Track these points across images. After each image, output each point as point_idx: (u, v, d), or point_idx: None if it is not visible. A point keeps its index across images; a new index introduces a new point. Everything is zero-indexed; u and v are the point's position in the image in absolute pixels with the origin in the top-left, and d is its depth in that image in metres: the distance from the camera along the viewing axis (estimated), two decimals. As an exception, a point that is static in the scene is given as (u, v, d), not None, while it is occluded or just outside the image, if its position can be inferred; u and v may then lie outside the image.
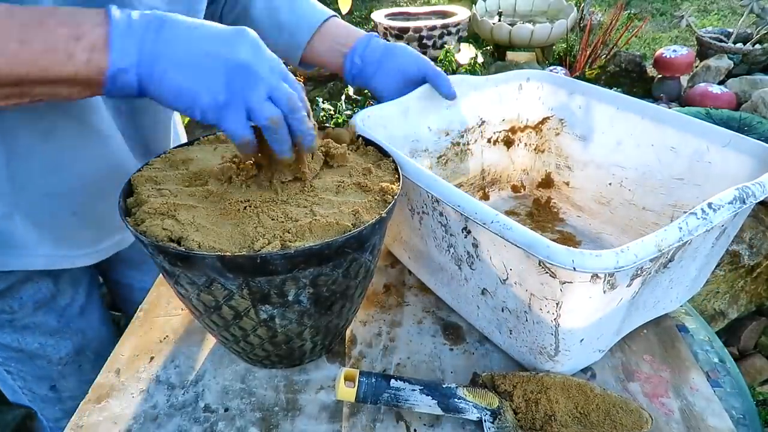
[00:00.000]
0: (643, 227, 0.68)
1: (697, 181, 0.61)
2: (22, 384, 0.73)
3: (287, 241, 0.42)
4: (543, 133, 0.79)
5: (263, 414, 0.51)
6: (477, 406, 0.48)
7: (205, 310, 0.46)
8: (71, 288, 0.72)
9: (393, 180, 0.51)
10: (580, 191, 0.76)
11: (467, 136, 0.75)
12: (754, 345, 1.57)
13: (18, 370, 0.72)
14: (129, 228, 0.43)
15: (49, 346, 0.71)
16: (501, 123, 0.78)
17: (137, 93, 0.42)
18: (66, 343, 0.72)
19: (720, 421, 0.50)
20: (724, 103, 1.92)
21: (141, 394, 0.53)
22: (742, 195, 0.45)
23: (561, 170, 0.78)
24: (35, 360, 0.71)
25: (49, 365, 0.72)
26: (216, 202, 0.47)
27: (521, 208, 0.80)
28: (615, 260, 0.39)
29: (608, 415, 0.47)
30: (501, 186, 0.83)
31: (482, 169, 0.79)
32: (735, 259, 1.41)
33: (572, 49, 2.72)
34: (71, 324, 0.73)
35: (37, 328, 0.69)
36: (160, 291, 0.67)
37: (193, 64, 0.41)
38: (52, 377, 0.73)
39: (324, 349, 0.56)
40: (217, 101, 0.41)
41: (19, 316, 0.67)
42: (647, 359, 0.56)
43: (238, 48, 0.41)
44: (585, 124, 0.73)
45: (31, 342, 0.70)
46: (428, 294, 0.65)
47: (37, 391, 0.74)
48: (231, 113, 0.42)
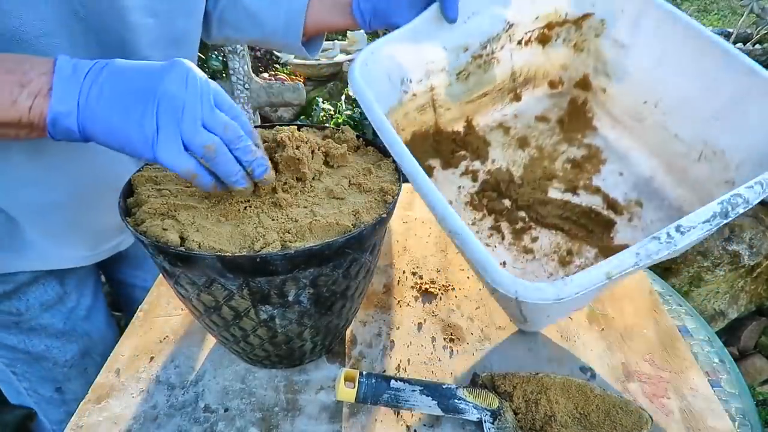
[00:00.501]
0: (672, 157, 0.64)
1: (732, 126, 0.56)
2: (28, 385, 0.74)
3: (287, 242, 0.42)
4: (583, 31, 0.70)
5: (263, 414, 0.51)
6: (477, 406, 0.48)
7: (205, 310, 0.46)
8: (77, 290, 0.72)
9: (393, 180, 0.51)
10: (615, 101, 0.70)
11: (491, 45, 0.68)
12: (754, 345, 1.57)
13: (24, 372, 0.72)
14: (129, 228, 0.43)
15: (55, 349, 0.71)
16: (534, 21, 0.70)
17: (81, 137, 0.43)
18: (72, 346, 0.73)
19: (720, 421, 0.50)
20: (724, 103, 1.92)
21: (141, 394, 0.53)
22: (724, 209, 0.41)
23: (599, 75, 0.71)
24: (41, 362, 0.71)
25: (54, 367, 0.72)
26: (216, 202, 0.47)
27: (554, 111, 0.74)
28: (556, 293, 0.39)
29: (608, 416, 0.47)
30: (536, 83, 0.75)
31: (512, 72, 0.73)
32: (735, 259, 1.41)
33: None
34: (77, 326, 0.73)
35: (44, 330, 0.70)
36: (160, 291, 0.67)
37: (122, 102, 0.41)
38: (57, 379, 0.73)
39: (324, 349, 0.56)
40: (147, 135, 0.41)
41: (25, 318, 0.67)
42: (647, 359, 0.56)
43: (166, 79, 0.41)
44: (627, 30, 0.66)
45: (37, 344, 0.70)
46: (428, 294, 0.65)
47: (42, 393, 0.74)
48: (165, 146, 0.41)
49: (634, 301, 0.64)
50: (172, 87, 0.41)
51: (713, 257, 1.41)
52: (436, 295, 0.65)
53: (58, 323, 0.70)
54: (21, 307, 0.67)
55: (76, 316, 0.73)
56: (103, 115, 0.41)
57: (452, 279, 0.68)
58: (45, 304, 0.68)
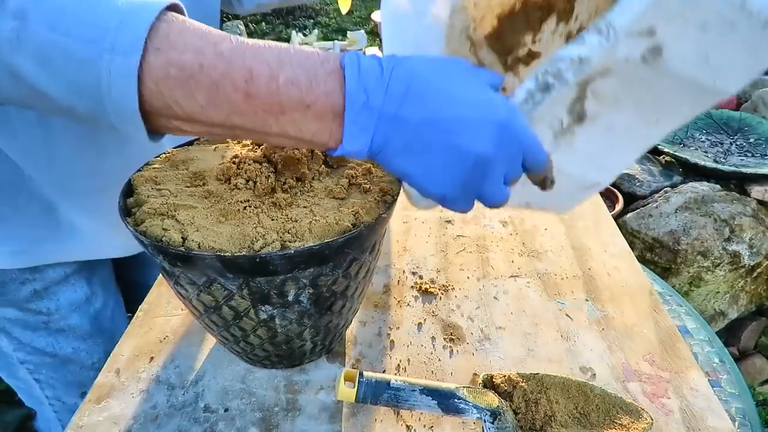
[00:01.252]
0: None
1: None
2: (51, 393, 0.73)
3: (287, 242, 0.42)
4: None
5: (263, 414, 0.51)
6: (477, 406, 0.48)
7: (205, 310, 0.46)
8: (103, 291, 0.73)
9: (393, 180, 0.51)
10: None
11: None
12: (754, 345, 1.57)
13: (49, 378, 0.72)
14: (129, 228, 0.43)
15: (83, 351, 0.72)
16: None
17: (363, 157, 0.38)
18: (98, 348, 0.73)
19: (720, 421, 0.50)
20: (724, 103, 1.92)
21: (141, 394, 0.53)
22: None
23: None
24: (68, 365, 0.71)
25: (81, 371, 0.72)
26: (216, 202, 0.47)
27: None
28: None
29: (608, 415, 0.47)
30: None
31: None
32: (735, 259, 1.41)
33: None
34: (103, 328, 0.73)
35: (72, 332, 0.70)
36: (160, 291, 0.67)
37: (424, 158, 0.35)
38: (83, 383, 0.73)
39: (324, 349, 0.56)
40: (446, 196, 0.37)
41: (54, 318, 0.68)
42: (647, 359, 0.56)
43: (479, 136, 0.34)
44: None
45: (65, 346, 0.70)
46: (428, 294, 0.65)
47: (66, 400, 0.74)
48: (460, 203, 0.38)
49: (634, 301, 0.64)
50: (485, 147, 0.34)
51: (713, 257, 1.41)
52: (436, 295, 0.65)
53: (86, 324, 0.71)
54: (51, 307, 0.67)
55: (103, 317, 0.73)
56: (398, 162, 0.36)
57: (452, 279, 0.68)
58: (74, 303, 0.69)
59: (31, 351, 0.69)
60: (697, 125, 1.82)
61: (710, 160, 1.64)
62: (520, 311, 0.63)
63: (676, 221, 1.46)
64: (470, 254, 0.73)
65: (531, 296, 0.65)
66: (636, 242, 1.51)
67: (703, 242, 1.41)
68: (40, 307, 0.66)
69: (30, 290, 0.65)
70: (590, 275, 0.69)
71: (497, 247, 0.74)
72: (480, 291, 0.66)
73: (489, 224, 0.79)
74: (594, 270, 0.70)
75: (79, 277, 0.68)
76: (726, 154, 1.68)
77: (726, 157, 1.67)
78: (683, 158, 1.61)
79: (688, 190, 1.54)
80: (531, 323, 0.61)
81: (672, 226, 1.45)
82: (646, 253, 1.50)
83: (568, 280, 0.68)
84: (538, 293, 0.66)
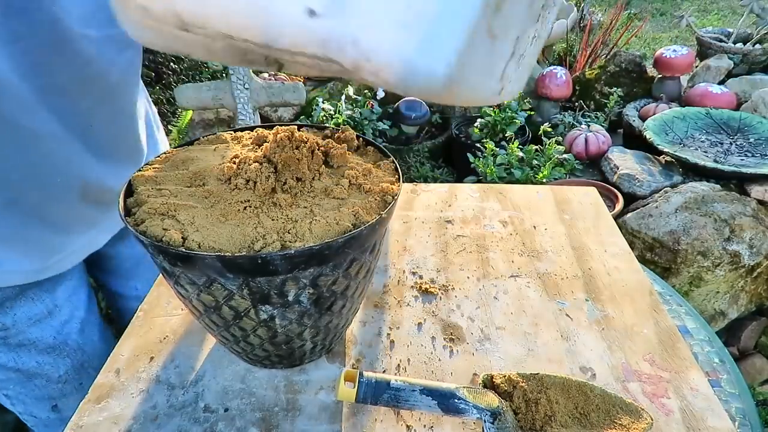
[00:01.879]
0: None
1: None
2: (23, 409, 0.71)
3: (287, 242, 0.42)
4: None
5: (263, 414, 0.51)
6: (477, 406, 0.48)
7: (205, 310, 0.46)
8: (69, 303, 0.70)
9: (393, 180, 0.51)
10: None
11: None
12: (754, 345, 1.57)
13: (17, 393, 0.69)
14: (129, 228, 0.43)
15: (47, 365, 0.69)
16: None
17: None
18: (65, 361, 0.70)
19: (720, 421, 0.50)
20: (724, 103, 1.92)
21: (141, 394, 0.53)
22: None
23: None
24: (34, 380, 0.69)
25: (48, 384, 0.70)
26: (216, 202, 0.47)
27: None
28: None
29: (608, 416, 0.47)
30: None
31: None
32: (735, 259, 1.41)
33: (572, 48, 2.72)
34: (70, 340, 0.70)
35: (33, 346, 0.67)
36: (160, 291, 0.67)
37: None
38: (53, 396, 0.71)
39: (324, 349, 0.56)
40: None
41: (12, 333, 0.65)
42: (647, 359, 0.56)
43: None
44: None
45: (27, 361, 0.67)
46: (428, 294, 0.65)
47: (39, 415, 0.72)
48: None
49: (634, 301, 0.64)
50: None
51: (713, 257, 1.41)
52: (436, 295, 0.65)
53: (48, 338, 0.68)
54: (7, 322, 0.64)
55: (70, 330, 0.70)
56: None
57: (452, 279, 0.68)
58: (33, 318, 0.66)
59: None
60: (697, 125, 1.82)
61: (710, 160, 1.64)
62: (520, 311, 0.63)
63: (676, 221, 1.46)
64: (470, 254, 0.73)
65: (531, 296, 0.65)
66: (636, 242, 1.51)
67: (703, 242, 1.41)
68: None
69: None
70: (590, 275, 0.69)
71: (497, 247, 0.74)
72: (480, 291, 0.66)
73: (489, 224, 0.79)
74: (594, 270, 0.70)
75: (39, 290, 0.65)
76: (726, 154, 1.68)
77: (726, 157, 1.67)
78: (683, 158, 1.61)
79: (688, 190, 1.54)
80: (531, 323, 0.61)
81: (672, 226, 1.45)
82: (646, 253, 1.50)
83: (568, 280, 0.68)
84: (538, 293, 0.66)
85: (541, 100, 2.21)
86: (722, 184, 1.60)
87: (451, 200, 0.84)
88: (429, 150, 2.14)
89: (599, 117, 2.13)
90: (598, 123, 2.07)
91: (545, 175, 1.70)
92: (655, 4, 4.11)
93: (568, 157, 1.78)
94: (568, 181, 1.76)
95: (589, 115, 2.15)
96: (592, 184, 1.48)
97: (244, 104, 1.99)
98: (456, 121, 2.20)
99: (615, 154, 1.81)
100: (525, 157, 1.77)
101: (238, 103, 1.97)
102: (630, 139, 2.01)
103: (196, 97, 1.90)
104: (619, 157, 1.79)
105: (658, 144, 1.68)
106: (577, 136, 1.89)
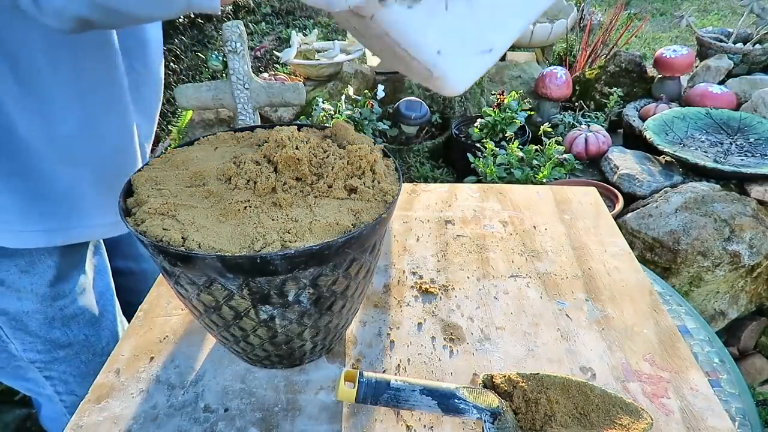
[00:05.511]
0: None
1: None
2: (63, 388, 0.75)
3: (287, 242, 0.42)
4: None
5: (263, 414, 0.51)
6: (477, 406, 0.48)
7: (205, 310, 0.46)
8: (104, 273, 0.75)
9: (393, 180, 0.51)
10: None
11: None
12: (754, 345, 1.57)
13: (61, 373, 0.73)
14: (129, 228, 0.43)
15: (93, 336, 0.73)
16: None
17: None
18: (105, 332, 0.74)
19: (720, 421, 0.50)
20: (724, 103, 1.92)
21: (141, 394, 0.53)
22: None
23: None
24: (81, 354, 0.73)
25: (93, 358, 0.74)
26: (216, 202, 0.47)
27: None
28: None
29: (608, 416, 0.47)
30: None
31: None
32: (735, 259, 1.41)
33: (572, 48, 2.72)
34: (105, 312, 0.75)
35: (82, 317, 0.71)
36: (160, 291, 0.67)
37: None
38: (96, 371, 0.75)
39: (324, 349, 0.56)
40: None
41: (68, 302, 0.69)
42: (647, 359, 0.56)
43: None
44: None
45: (77, 333, 0.71)
46: (428, 294, 0.65)
47: (80, 393, 0.75)
48: None
49: (634, 301, 0.64)
50: None
51: (713, 257, 1.41)
52: (436, 295, 0.65)
53: (92, 308, 0.72)
54: (66, 289, 0.68)
55: (106, 299, 0.74)
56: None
57: (452, 279, 0.68)
58: (81, 286, 0.70)
59: (44, 348, 0.70)
60: (697, 125, 1.82)
61: (710, 160, 1.64)
62: (520, 311, 0.63)
63: (676, 221, 1.46)
64: (470, 254, 0.73)
65: (531, 296, 0.65)
66: (636, 242, 1.51)
67: (703, 242, 1.41)
68: (58, 291, 0.67)
69: (53, 274, 0.66)
70: (590, 275, 0.69)
71: (497, 247, 0.74)
72: (480, 291, 0.66)
73: (489, 224, 0.79)
74: (594, 270, 0.70)
75: (83, 258, 0.70)
76: (726, 154, 1.68)
77: (726, 157, 1.67)
78: (683, 158, 1.61)
79: (688, 190, 1.54)
80: (531, 323, 0.61)
81: (672, 226, 1.45)
82: (646, 253, 1.50)
83: (568, 280, 0.68)
84: (538, 293, 0.66)
85: (541, 100, 2.21)
86: (722, 184, 1.60)
87: (451, 200, 0.84)
88: (429, 150, 2.14)
89: (599, 117, 2.13)
90: (598, 123, 2.07)
91: (545, 175, 1.70)
92: (655, 4, 4.11)
93: (568, 157, 1.78)
94: (568, 181, 1.76)
95: (589, 115, 2.15)
96: (592, 184, 1.48)
97: (244, 104, 1.99)
98: (456, 121, 2.20)
99: (615, 154, 1.81)
100: (525, 157, 1.77)
101: (238, 103, 1.97)
102: (630, 139, 2.01)
103: (196, 97, 1.90)
104: (619, 157, 1.79)
105: (658, 144, 1.68)
106: (577, 136, 1.89)
